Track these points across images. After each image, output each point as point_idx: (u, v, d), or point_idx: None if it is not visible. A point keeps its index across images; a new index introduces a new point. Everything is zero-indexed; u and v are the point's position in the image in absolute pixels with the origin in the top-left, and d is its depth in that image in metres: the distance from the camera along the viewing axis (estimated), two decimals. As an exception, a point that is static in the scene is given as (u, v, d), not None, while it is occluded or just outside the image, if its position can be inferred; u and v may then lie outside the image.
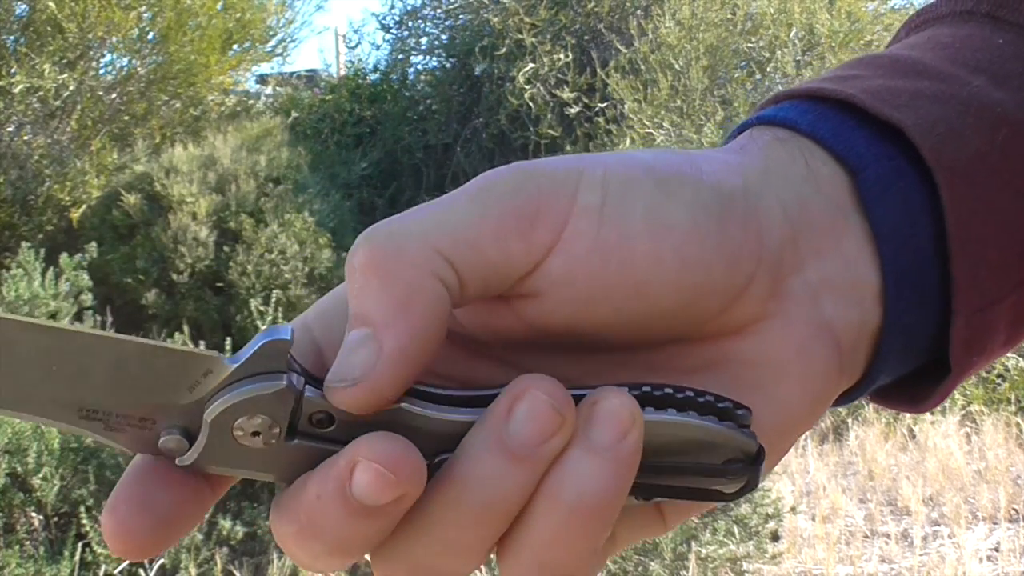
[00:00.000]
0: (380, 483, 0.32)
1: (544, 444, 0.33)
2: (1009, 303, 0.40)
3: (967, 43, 0.44)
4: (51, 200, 6.08)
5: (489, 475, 0.33)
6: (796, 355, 0.37)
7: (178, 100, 6.86)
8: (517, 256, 0.34)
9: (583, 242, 0.35)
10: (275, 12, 7.37)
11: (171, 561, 2.71)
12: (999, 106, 0.41)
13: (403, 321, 0.33)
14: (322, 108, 7.85)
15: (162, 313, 4.91)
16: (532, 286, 0.35)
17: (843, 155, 0.40)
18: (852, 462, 4.52)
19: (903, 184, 0.39)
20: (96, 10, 6.07)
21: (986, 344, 0.40)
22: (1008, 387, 5.00)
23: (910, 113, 0.40)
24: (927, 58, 0.43)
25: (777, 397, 0.37)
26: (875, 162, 0.39)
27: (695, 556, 2.90)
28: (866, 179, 0.39)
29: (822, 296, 0.38)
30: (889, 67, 0.42)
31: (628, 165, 0.36)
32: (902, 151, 0.39)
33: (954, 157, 0.39)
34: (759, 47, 6.51)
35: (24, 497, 2.72)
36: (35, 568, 2.59)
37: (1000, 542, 3.61)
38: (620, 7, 7.09)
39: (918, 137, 0.39)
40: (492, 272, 0.34)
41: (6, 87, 5.89)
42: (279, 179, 5.70)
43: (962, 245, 0.38)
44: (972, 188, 0.39)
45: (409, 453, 0.32)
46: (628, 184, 0.36)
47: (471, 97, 7.51)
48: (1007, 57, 0.43)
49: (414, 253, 0.34)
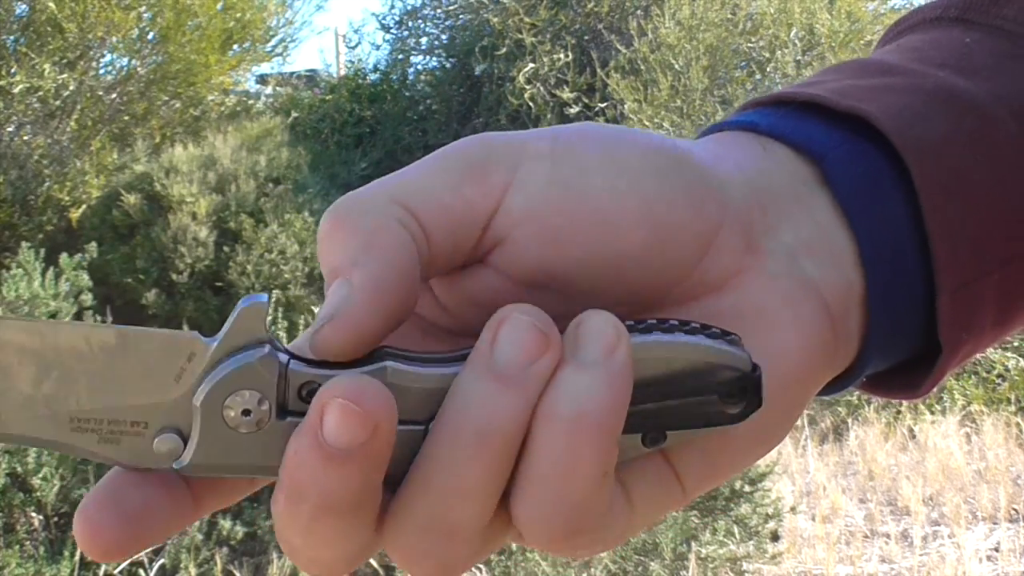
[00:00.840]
0: (347, 418, 0.31)
1: (532, 365, 0.32)
2: (994, 280, 0.40)
3: (934, 44, 0.44)
4: (51, 200, 6.08)
5: (481, 402, 0.32)
6: (783, 304, 0.37)
7: (178, 100, 6.86)
8: (475, 200, 0.35)
9: (538, 179, 0.36)
10: (275, 12, 7.37)
11: (171, 561, 2.71)
12: (965, 94, 0.41)
13: (370, 257, 0.34)
14: (322, 108, 7.85)
15: (162, 313, 4.91)
16: (497, 231, 0.35)
17: (804, 145, 0.40)
18: (852, 462, 4.52)
19: (868, 164, 0.39)
20: (96, 10, 6.07)
21: (974, 322, 0.40)
22: (1008, 387, 5.00)
23: (874, 104, 0.40)
24: (892, 59, 0.44)
25: (771, 346, 0.37)
26: (837, 147, 0.40)
27: (695, 556, 2.90)
28: (829, 163, 0.39)
29: (800, 256, 0.38)
30: (855, 70, 0.43)
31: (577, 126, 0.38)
32: (870, 142, 0.40)
33: (921, 138, 0.39)
34: (759, 47, 6.51)
35: (24, 497, 2.72)
36: (35, 568, 2.59)
37: (1000, 542, 3.61)
38: (620, 7, 7.09)
39: (883, 122, 0.39)
40: (454, 219, 0.35)
41: (6, 87, 5.89)
42: (279, 179, 5.70)
43: (938, 221, 0.39)
44: (942, 167, 0.39)
45: (373, 385, 0.31)
46: (578, 133, 0.37)
47: (471, 97, 7.51)
48: (974, 53, 0.43)
49: (373, 204, 0.35)
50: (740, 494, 3.07)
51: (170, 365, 0.34)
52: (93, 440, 0.34)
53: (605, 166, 0.36)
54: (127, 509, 0.33)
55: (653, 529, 2.90)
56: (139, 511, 0.34)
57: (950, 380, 4.95)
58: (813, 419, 4.86)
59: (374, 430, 0.31)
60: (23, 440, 0.35)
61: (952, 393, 4.91)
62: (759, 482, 3.12)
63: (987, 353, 4.96)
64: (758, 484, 3.11)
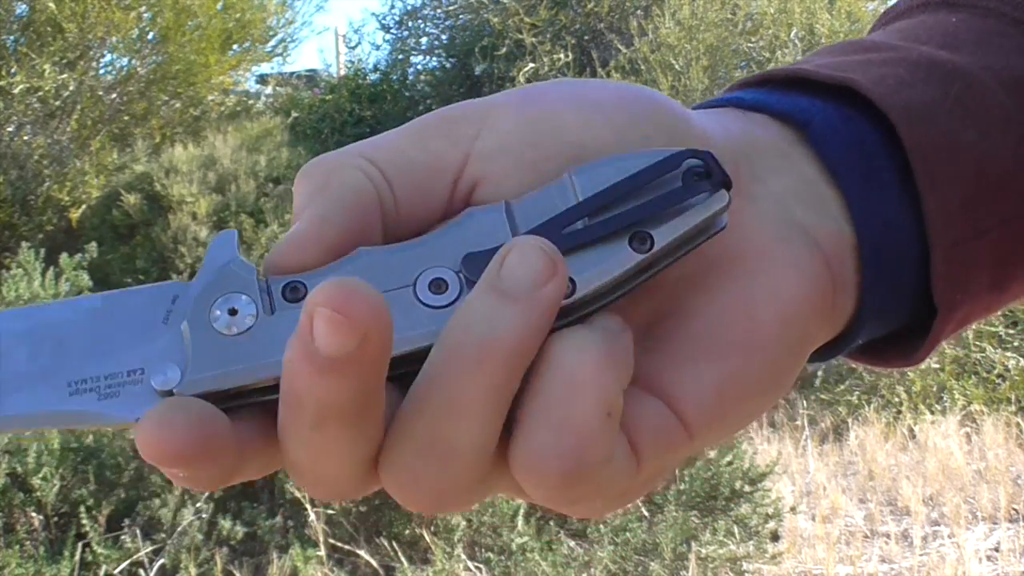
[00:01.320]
0: (334, 327, 0.30)
1: (538, 288, 0.32)
2: (989, 241, 0.40)
3: (920, 25, 0.45)
4: (51, 200, 6.08)
5: (484, 318, 0.32)
6: (777, 244, 0.37)
7: (178, 100, 6.86)
8: (441, 150, 0.36)
9: (507, 121, 0.36)
10: (275, 12, 7.37)
11: (171, 561, 2.72)
12: (950, 63, 0.41)
13: (321, 197, 0.35)
14: (322, 108, 7.86)
15: (162, 313, 4.91)
16: (472, 173, 0.36)
17: (788, 114, 0.40)
18: (852, 462, 4.52)
19: (854, 129, 0.39)
20: (96, 10, 6.07)
21: (968, 282, 0.40)
22: (1008, 387, 5.00)
23: (858, 74, 0.40)
24: (879, 38, 0.44)
25: (770, 284, 0.36)
26: (820, 113, 0.40)
27: (695, 556, 2.90)
28: (814, 128, 0.40)
29: (789, 203, 0.38)
30: (842, 49, 0.43)
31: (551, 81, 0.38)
32: (856, 110, 0.40)
33: (908, 101, 0.39)
34: (759, 47, 6.51)
35: (24, 497, 2.72)
36: (35, 568, 2.59)
37: (1000, 542, 3.62)
38: (620, 7, 7.10)
39: (869, 87, 0.39)
40: (418, 170, 0.36)
41: (6, 87, 5.89)
42: (279, 179, 5.71)
43: (928, 180, 0.39)
44: (931, 128, 0.39)
45: (361, 290, 0.30)
46: (551, 82, 0.38)
47: (471, 97, 7.50)
48: (960, 30, 0.44)
49: (336, 157, 0.36)
50: (740, 494, 3.07)
51: (156, 312, 0.34)
52: (93, 399, 0.34)
53: (576, 103, 0.36)
54: (195, 413, 0.32)
55: (653, 529, 2.90)
56: (207, 416, 0.32)
57: (950, 380, 4.95)
58: (813, 419, 4.86)
59: (363, 337, 0.30)
60: (24, 422, 0.34)
61: (952, 393, 4.92)
62: (759, 482, 3.12)
63: (987, 353, 4.96)
64: (758, 484, 3.11)
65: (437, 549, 2.75)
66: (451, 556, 2.73)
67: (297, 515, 2.87)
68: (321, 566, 2.78)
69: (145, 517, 2.78)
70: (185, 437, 0.32)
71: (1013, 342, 5.04)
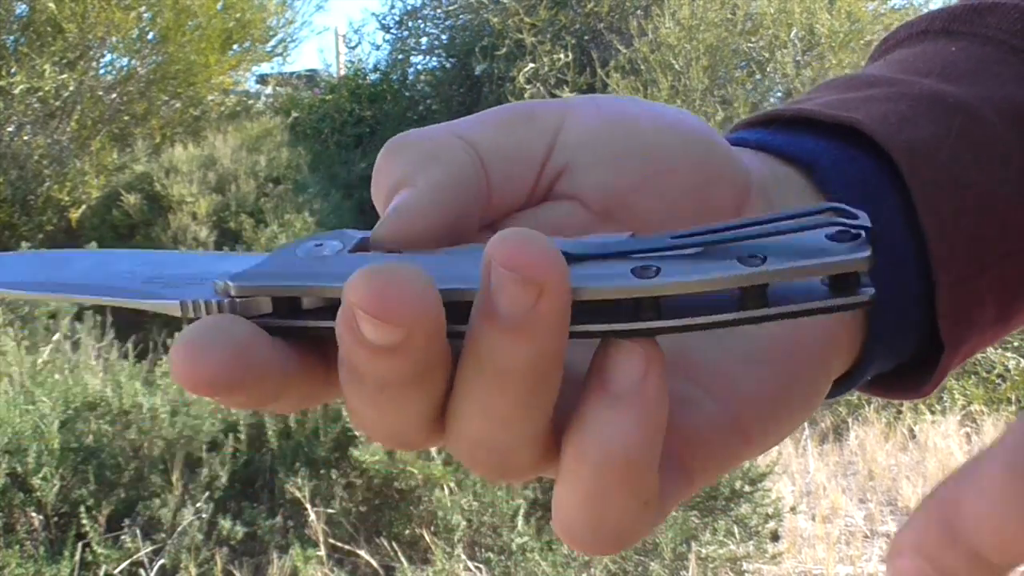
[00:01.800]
0: (374, 328, 0.29)
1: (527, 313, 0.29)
2: (993, 276, 0.40)
3: (920, 56, 0.45)
4: (51, 200, 6.08)
5: (485, 344, 0.30)
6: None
7: (178, 100, 6.86)
8: (528, 139, 0.36)
9: (588, 118, 0.36)
10: (275, 12, 7.37)
11: (171, 561, 2.71)
12: (951, 96, 0.42)
13: (434, 165, 0.34)
14: (322, 108, 7.86)
15: (162, 313, 4.91)
16: (557, 161, 0.36)
17: (793, 155, 0.40)
18: (852, 462, 4.52)
19: (858, 168, 0.40)
20: (96, 10, 6.07)
21: (974, 317, 0.41)
22: (1008, 387, 5.00)
23: (861, 112, 0.41)
24: (878, 72, 0.45)
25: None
26: (826, 153, 0.40)
27: (695, 556, 2.90)
28: (819, 169, 0.40)
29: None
30: (842, 86, 0.44)
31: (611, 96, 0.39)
32: (860, 150, 0.40)
33: (910, 139, 0.40)
34: (759, 47, 6.51)
35: (24, 497, 2.72)
36: (35, 568, 2.59)
37: (1000, 542, 3.61)
38: (620, 7, 7.09)
39: (870, 126, 0.40)
40: (510, 156, 0.35)
41: (6, 87, 5.89)
42: (279, 179, 5.71)
43: (932, 217, 0.39)
44: (933, 165, 0.39)
45: (401, 289, 0.28)
46: (615, 96, 0.39)
47: (471, 97, 7.51)
48: (959, 60, 0.44)
49: (433, 131, 0.35)
50: (740, 494, 3.07)
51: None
52: (158, 287, 0.34)
53: (647, 112, 0.37)
54: (235, 337, 0.31)
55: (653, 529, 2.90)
56: (248, 342, 0.31)
57: (950, 380, 4.95)
58: (813, 419, 4.86)
59: (408, 333, 0.29)
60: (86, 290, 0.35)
61: (952, 393, 4.91)
62: (759, 482, 3.12)
63: (987, 353, 4.95)
64: (758, 484, 3.11)
65: (437, 549, 2.75)
66: (451, 556, 2.73)
67: (297, 515, 2.87)
68: (321, 566, 2.78)
69: (145, 517, 2.78)
70: (219, 364, 0.30)
71: (1013, 342, 5.04)
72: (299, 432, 2.93)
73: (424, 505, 2.86)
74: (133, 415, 2.86)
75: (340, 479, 2.87)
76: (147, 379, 3.11)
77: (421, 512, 2.87)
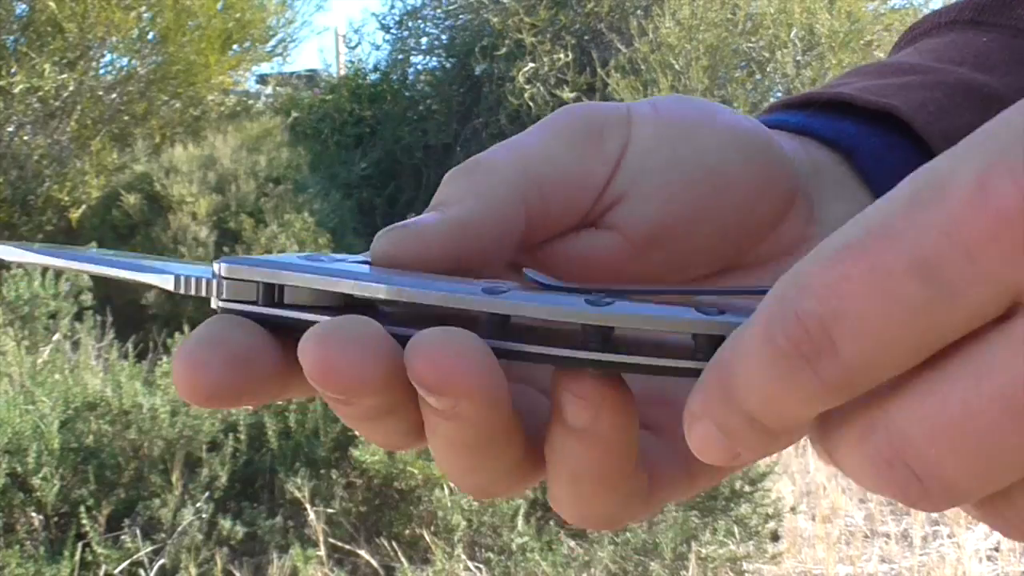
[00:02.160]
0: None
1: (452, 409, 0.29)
2: None
3: (951, 45, 0.45)
4: (51, 200, 6.08)
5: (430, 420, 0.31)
6: None
7: (178, 100, 6.86)
8: (594, 166, 0.36)
9: (648, 139, 0.36)
10: (275, 12, 7.37)
11: (171, 561, 2.71)
12: (986, 87, 0.42)
13: (472, 199, 0.33)
14: (322, 108, 7.85)
15: (162, 313, 4.91)
16: (615, 191, 0.36)
17: (834, 140, 0.41)
18: (852, 462, 4.52)
19: (898, 157, 0.40)
20: (96, 10, 6.07)
21: None
22: (1008, 387, 5.00)
23: (899, 99, 0.41)
24: (912, 59, 0.45)
25: None
26: (866, 140, 0.41)
27: (695, 556, 2.90)
28: (859, 155, 0.40)
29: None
30: (876, 72, 0.44)
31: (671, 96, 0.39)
32: (896, 135, 0.40)
33: (948, 128, 0.40)
34: (759, 47, 6.51)
35: (24, 497, 2.72)
36: (35, 568, 2.59)
37: (1000, 542, 3.61)
38: (620, 7, 7.09)
39: (909, 114, 0.40)
40: (573, 185, 0.35)
41: (6, 87, 5.89)
42: (279, 179, 5.71)
43: None
44: None
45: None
46: (674, 99, 0.38)
47: (471, 97, 7.51)
48: (992, 51, 0.44)
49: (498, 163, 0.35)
50: (740, 494, 3.07)
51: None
52: (162, 264, 0.34)
53: (707, 125, 0.37)
54: (234, 348, 0.31)
55: (653, 529, 2.90)
56: (247, 351, 0.31)
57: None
58: (813, 419, 4.86)
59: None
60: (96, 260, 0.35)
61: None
62: (759, 482, 3.12)
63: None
64: (758, 484, 3.11)
65: (437, 549, 2.75)
66: (451, 556, 2.73)
67: (297, 515, 2.87)
68: (321, 566, 2.78)
69: (145, 517, 2.78)
70: (220, 375, 0.30)
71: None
72: (299, 432, 2.92)
73: (424, 505, 2.86)
74: (133, 415, 2.86)
75: (340, 479, 2.87)
76: (147, 379, 3.11)
77: (421, 512, 2.87)
